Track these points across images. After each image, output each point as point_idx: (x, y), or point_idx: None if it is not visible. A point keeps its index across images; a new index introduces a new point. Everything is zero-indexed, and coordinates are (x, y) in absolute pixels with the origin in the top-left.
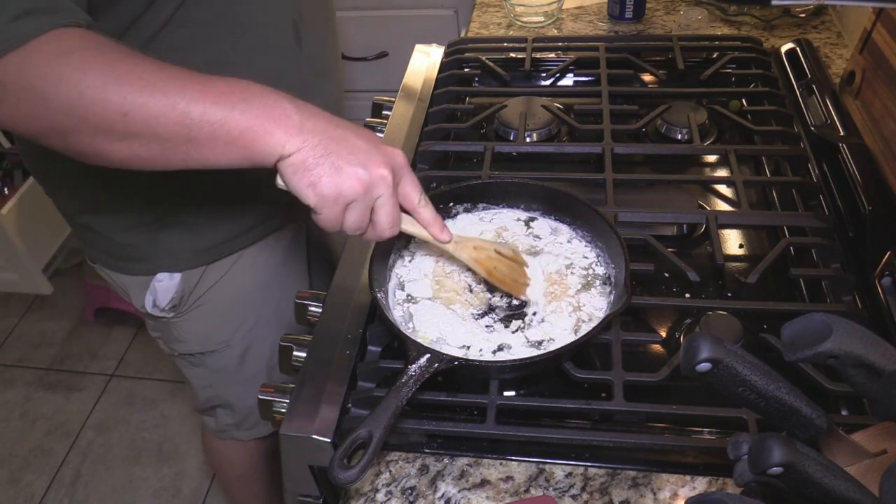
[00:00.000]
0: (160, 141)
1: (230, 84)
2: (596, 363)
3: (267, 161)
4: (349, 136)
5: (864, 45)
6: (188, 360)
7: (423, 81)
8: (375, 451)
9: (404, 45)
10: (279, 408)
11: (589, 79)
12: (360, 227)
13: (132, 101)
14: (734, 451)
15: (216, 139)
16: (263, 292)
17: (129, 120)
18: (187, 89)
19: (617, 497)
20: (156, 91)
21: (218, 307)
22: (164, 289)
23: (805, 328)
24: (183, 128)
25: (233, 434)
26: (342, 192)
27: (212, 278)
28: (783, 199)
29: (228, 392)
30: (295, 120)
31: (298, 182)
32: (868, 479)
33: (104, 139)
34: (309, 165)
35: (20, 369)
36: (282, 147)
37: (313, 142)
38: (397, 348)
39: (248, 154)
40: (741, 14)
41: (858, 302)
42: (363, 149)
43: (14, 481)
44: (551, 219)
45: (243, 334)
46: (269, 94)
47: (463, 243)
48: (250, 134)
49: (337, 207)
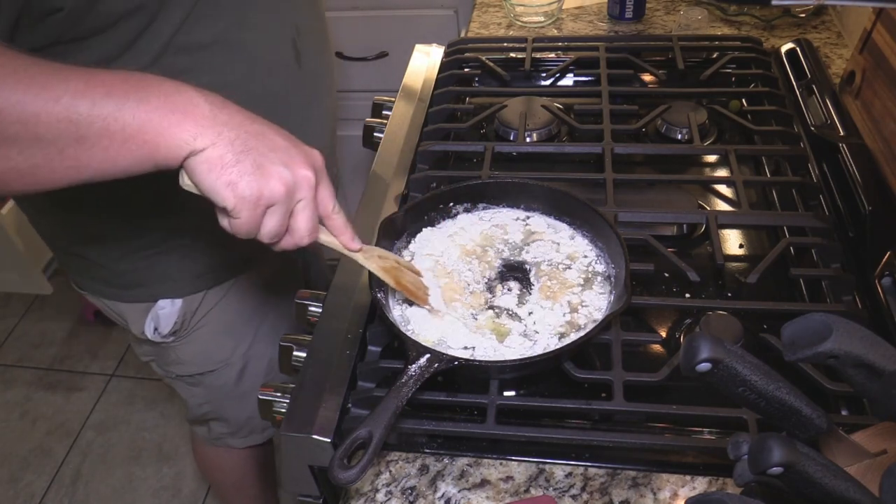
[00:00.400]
0: (42, 144)
1: (122, 75)
2: (596, 363)
3: (173, 158)
4: (267, 132)
5: (864, 45)
6: (185, 381)
7: (423, 81)
8: (375, 451)
9: (404, 45)
10: (279, 408)
11: (589, 79)
12: (278, 234)
13: (6, 97)
14: (734, 451)
15: (111, 136)
16: (262, 308)
17: (3, 120)
18: (72, 81)
19: (617, 497)
20: (33, 84)
21: (218, 328)
22: (167, 315)
23: (805, 328)
24: (69, 125)
25: (227, 442)
26: (264, 193)
27: (212, 300)
28: (783, 199)
29: (225, 407)
30: (205, 110)
31: (215, 181)
32: (868, 479)
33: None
34: (227, 162)
35: (20, 369)
36: (193, 140)
37: (230, 135)
38: (397, 348)
39: (151, 151)
40: (741, 14)
41: (858, 302)
42: (283, 146)
43: (14, 481)
44: (551, 218)
45: (243, 351)
46: (168, 82)
47: (370, 253)
48: (152, 126)
49: (257, 211)
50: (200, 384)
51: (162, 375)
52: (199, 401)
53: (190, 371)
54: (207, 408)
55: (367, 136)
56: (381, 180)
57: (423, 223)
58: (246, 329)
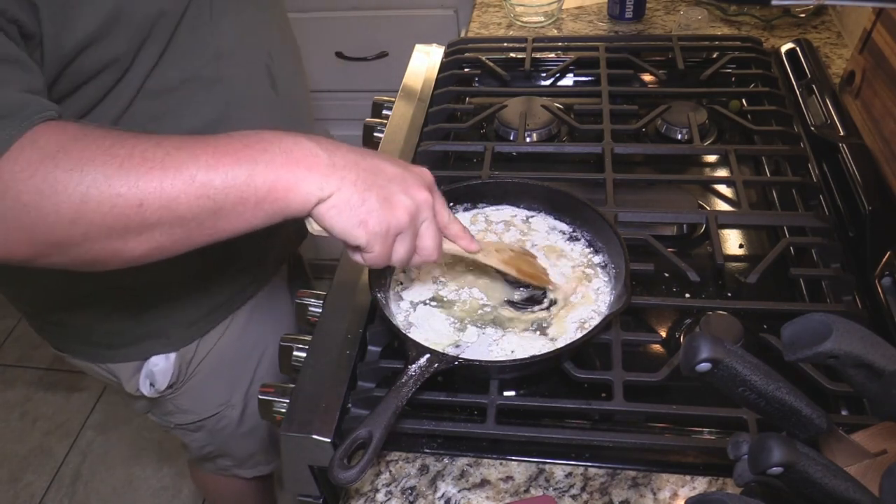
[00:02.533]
0: (183, 223)
1: (240, 138)
2: (596, 363)
3: (304, 209)
4: (380, 165)
5: (864, 45)
6: (186, 429)
7: (423, 81)
8: (375, 451)
9: (404, 45)
10: (279, 408)
11: (589, 79)
12: (409, 256)
13: (145, 187)
14: (734, 451)
15: (244, 202)
16: (259, 346)
17: (146, 209)
18: (200, 157)
19: (617, 497)
20: (167, 169)
21: (216, 372)
22: (162, 371)
23: (805, 328)
24: (208, 201)
25: (234, 472)
26: (392, 224)
27: (207, 346)
28: (783, 199)
29: (229, 445)
30: (323, 158)
31: (346, 222)
32: (868, 479)
33: (118, 240)
34: (354, 203)
35: (20, 369)
36: (319, 190)
37: (351, 178)
38: (397, 348)
39: (283, 207)
40: (741, 14)
41: (858, 302)
42: (398, 175)
43: (14, 481)
44: (551, 218)
45: (243, 392)
46: (284, 137)
47: (487, 249)
48: (282, 185)
49: (388, 241)
50: (202, 429)
51: (161, 425)
52: (201, 444)
53: (190, 419)
54: (211, 448)
55: (367, 136)
56: None
57: None
58: (244, 369)
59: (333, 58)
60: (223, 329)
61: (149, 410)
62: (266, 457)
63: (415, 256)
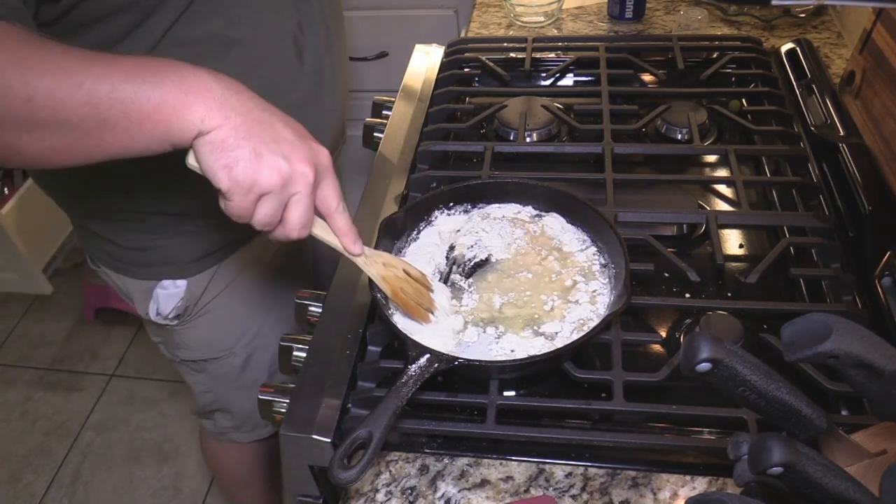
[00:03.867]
0: (70, 127)
1: (141, 60)
2: (596, 363)
3: (185, 138)
4: (275, 123)
5: (864, 45)
6: (190, 367)
7: (423, 81)
8: (375, 451)
9: (404, 45)
10: (279, 408)
11: (589, 79)
12: (271, 223)
13: (35, 84)
14: (734, 451)
15: (128, 118)
16: (268, 300)
17: (34, 106)
18: (93, 68)
19: (617, 497)
20: (58, 72)
21: (223, 315)
22: (168, 297)
23: (805, 328)
24: (92, 109)
25: (231, 436)
26: (258, 181)
27: (218, 287)
28: (783, 199)
29: (229, 397)
30: (217, 93)
31: (213, 162)
32: (868, 479)
33: (11, 132)
34: (228, 146)
35: (20, 369)
36: (201, 121)
37: (236, 121)
38: (397, 348)
39: (165, 131)
40: (741, 14)
41: (858, 302)
42: (288, 139)
43: (14, 481)
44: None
45: (247, 342)
46: (184, 66)
47: (373, 258)
48: (167, 108)
49: (250, 196)
50: (204, 371)
51: (169, 359)
52: (202, 388)
53: (194, 357)
54: (211, 397)
55: (367, 136)
56: (381, 180)
57: (422, 222)
58: (251, 320)
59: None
60: (236, 272)
61: (160, 340)
62: None
63: (279, 228)
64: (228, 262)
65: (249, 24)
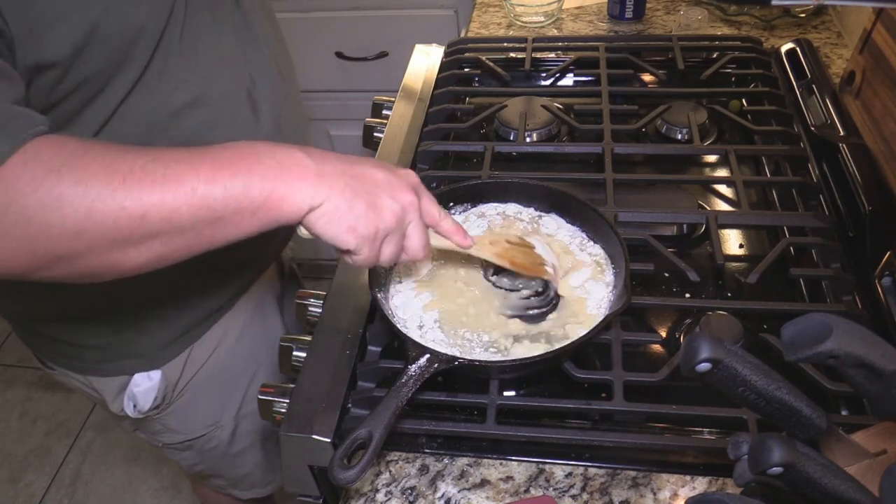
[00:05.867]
0: (183, 232)
1: (235, 150)
2: (596, 363)
3: (296, 217)
4: (366, 171)
5: (864, 45)
6: (175, 448)
7: (423, 81)
8: (375, 451)
9: (404, 45)
10: (279, 408)
11: (589, 79)
12: (396, 256)
13: (148, 200)
14: (734, 451)
15: (242, 212)
16: (249, 366)
17: (148, 221)
18: (199, 170)
19: (617, 497)
20: (168, 182)
21: (204, 393)
22: (144, 392)
23: (805, 328)
24: (208, 211)
25: (229, 492)
26: (379, 227)
27: (194, 368)
28: (783, 199)
29: (220, 466)
30: (312, 168)
31: (336, 229)
32: (868, 479)
33: (119, 251)
34: (343, 211)
35: (20, 369)
36: (311, 199)
37: (339, 186)
38: (397, 348)
39: (277, 215)
40: (741, 14)
41: (858, 302)
42: (384, 179)
43: (14, 481)
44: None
45: (233, 413)
46: (280, 149)
47: (480, 242)
48: (275, 196)
49: (376, 244)
50: (191, 449)
51: (149, 441)
52: (190, 463)
53: (178, 439)
54: (202, 467)
55: (367, 136)
56: None
57: None
58: (234, 390)
59: (333, 58)
60: (211, 349)
61: (136, 429)
62: (263, 478)
63: (402, 255)
64: (202, 341)
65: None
